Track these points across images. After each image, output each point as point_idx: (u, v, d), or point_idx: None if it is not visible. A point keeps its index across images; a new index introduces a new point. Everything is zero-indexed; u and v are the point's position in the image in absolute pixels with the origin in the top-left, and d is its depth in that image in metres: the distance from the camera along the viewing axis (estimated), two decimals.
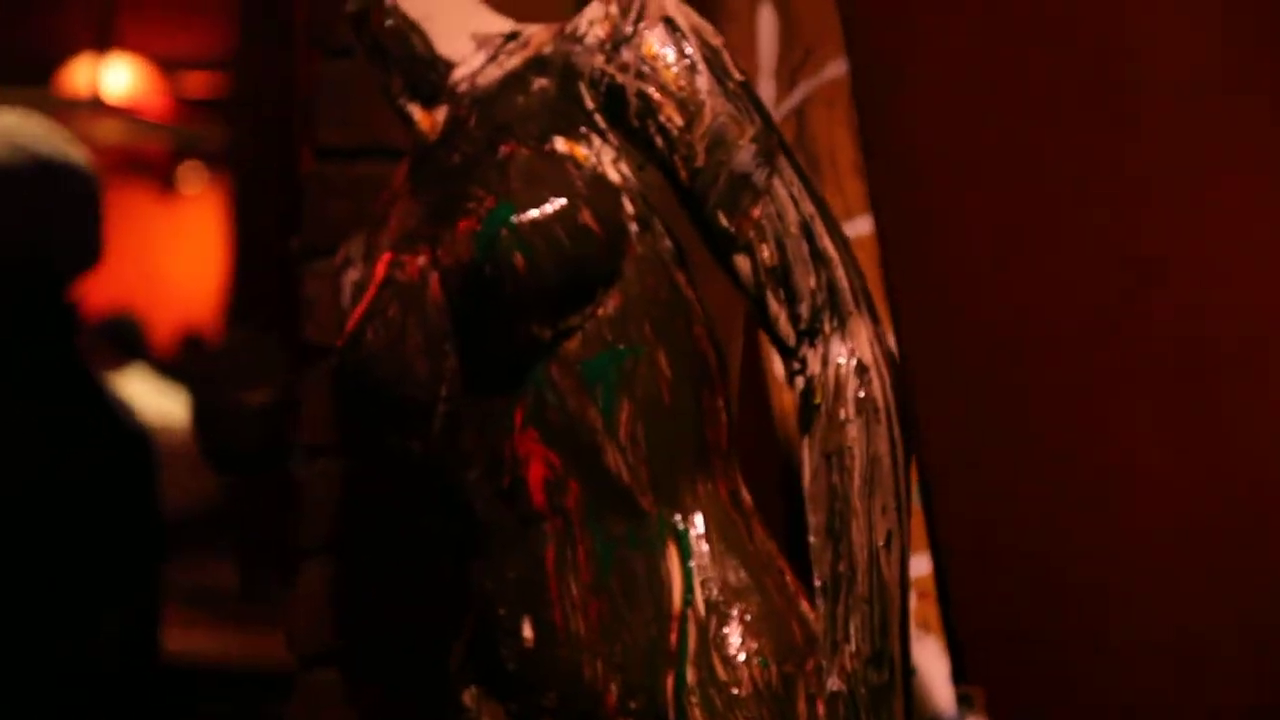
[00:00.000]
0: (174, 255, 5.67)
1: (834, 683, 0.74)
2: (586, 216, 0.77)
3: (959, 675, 0.96)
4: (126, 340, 3.66)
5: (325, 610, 1.17)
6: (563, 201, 0.77)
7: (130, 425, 1.53)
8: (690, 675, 0.78)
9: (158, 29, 5.01)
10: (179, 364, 4.24)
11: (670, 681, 0.78)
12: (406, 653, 1.13)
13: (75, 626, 1.38)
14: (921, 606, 0.94)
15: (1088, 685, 1.07)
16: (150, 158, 5.64)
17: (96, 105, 4.57)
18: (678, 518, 0.81)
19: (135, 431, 1.53)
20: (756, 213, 0.79)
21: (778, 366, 1.06)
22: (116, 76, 4.73)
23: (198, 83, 5.36)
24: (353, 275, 0.96)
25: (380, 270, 0.88)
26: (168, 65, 5.07)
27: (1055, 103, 1.18)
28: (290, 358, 1.18)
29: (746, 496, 0.86)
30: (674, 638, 0.79)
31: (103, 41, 4.60)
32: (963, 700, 0.96)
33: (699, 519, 0.82)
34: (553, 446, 0.81)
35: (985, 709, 0.97)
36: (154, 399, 3.16)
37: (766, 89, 1.21)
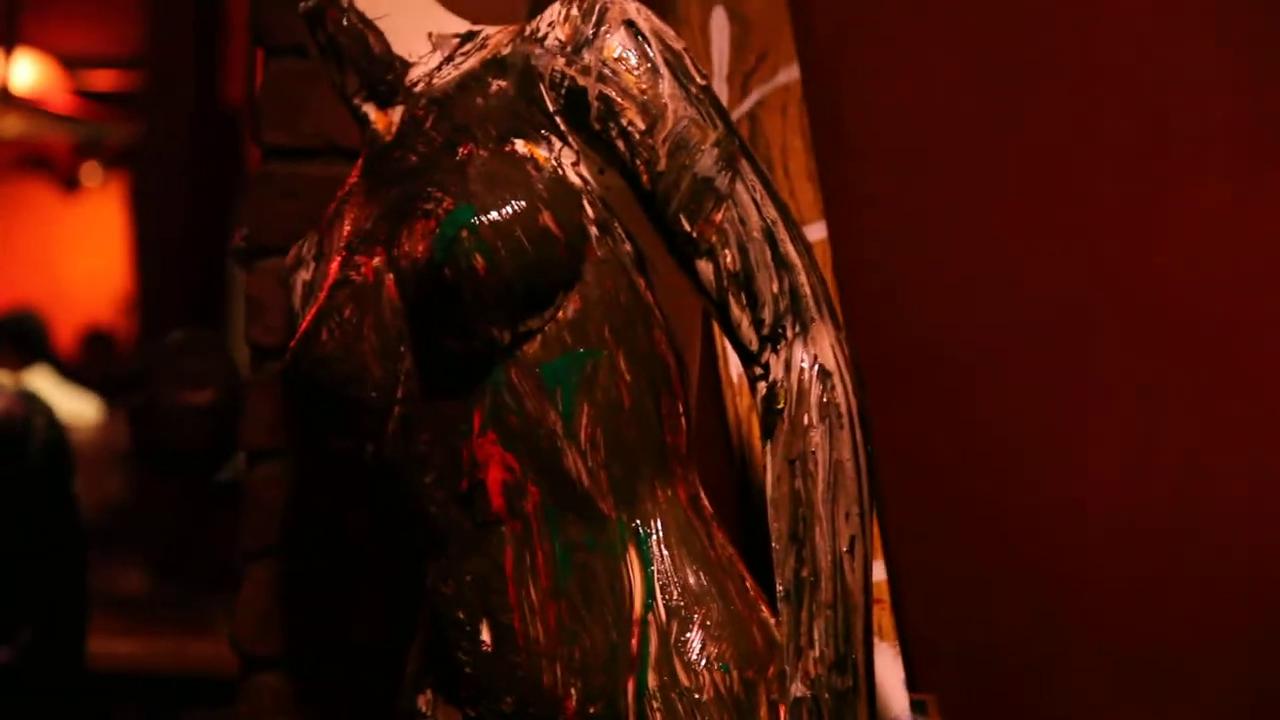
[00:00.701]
0: (77, 253, 5.53)
1: (797, 688, 0.73)
2: (547, 219, 0.76)
3: (909, 683, 0.96)
4: (29, 340, 3.56)
5: (271, 613, 1.14)
6: (523, 204, 0.76)
7: (45, 429, 1.50)
8: (651, 680, 0.77)
9: (62, 24, 4.93)
10: (87, 365, 4.13)
11: (631, 686, 0.77)
12: (355, 656, 1.11)
13: None
14: (876, 613, 0.94)
15: (1038, 693, 1.08)
16: (53, 154, 5.52)
17: (1, 98, 4.46)
18: (638, 522, 0.80)
19: (52, 435, 1.50)
20: (719, 217, 0.78)
21: (734, 371, 1.05)
22: (21, 71, 4.63)
23: (103, 79, 5.28)
24: (304, 275, 0.94)
25: (334, 270, 0.86)
26: (72, 61, 4.99)
27: (1011, 108, 1.18)
28: (231, 359, 1.15)
29: (706, 502, 0.85)
30: (635, 643, 0.78)
31: (7, 37, 4.49)
32: (916, 707, 0.96)
33: (659, 524, 0.81)
34: (511, 450, 0.79)
35: (939, 715, 0.98)
36: (60, 400, 3.13)
37: (720, 94, 1.20)
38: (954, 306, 1.16)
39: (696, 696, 0.76)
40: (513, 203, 0.76)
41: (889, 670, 0.94)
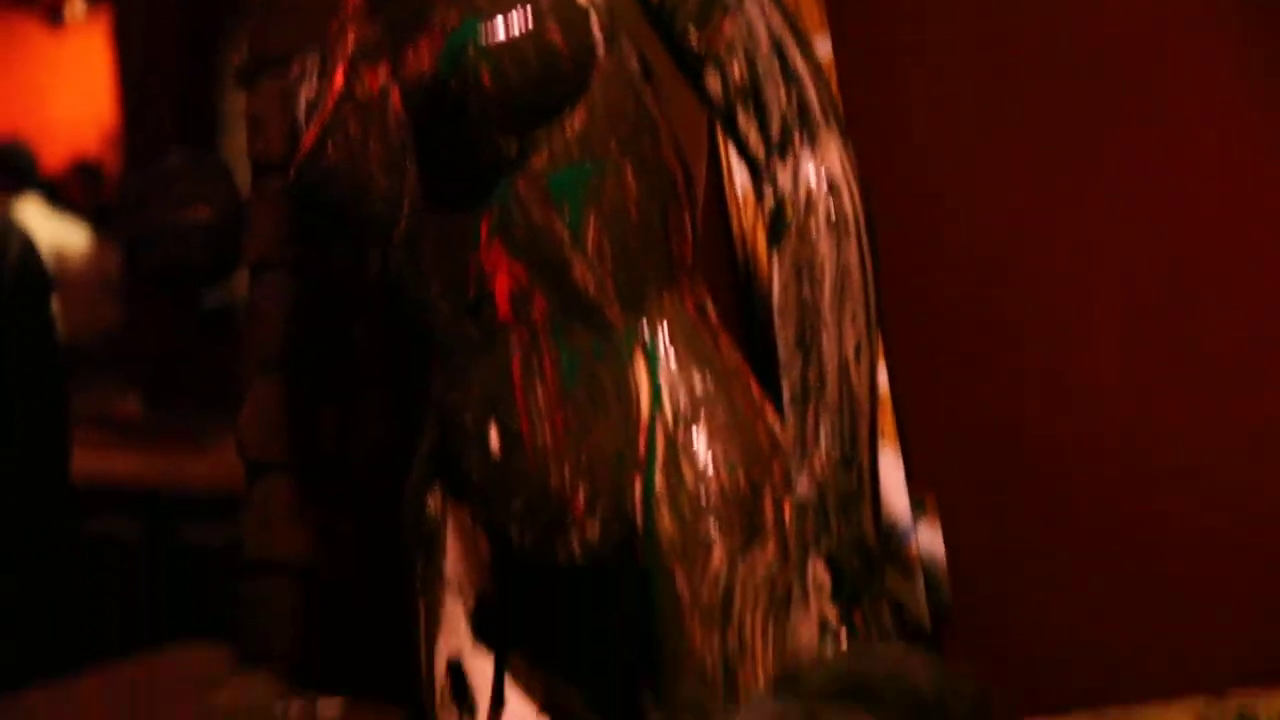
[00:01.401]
0: (62, 87, 5.41)
1: (803, 486, 0.75)
2: (554, 34, 0.75)
3: (909, 482, 0.99)
4: (17, 169, 3.56)
5: (276, 422, 1.17)
6: (529, 18, 0.75)
7: (18, 251, 1.50)
8: (659, 482, 0.79)
9: None
10: (76, 196, 4.14)
11: (638, 487, 0.79)
12: (359, 463, 1.13)
13: None
14: (879, 419, 0.96)
15: (1035, 485, 1.10)
16: None
17: None
18: (645, 329, 0.81)
19: (26, 257, 1.50)
20: (727, 29, 0.77)
21: (739, 186, 1.04)
22: None
23: None
24: (307, 91, 0.93)
25: (338, 85, 0.86)
26: None
27: None
28: (231, 176, 1.14)
29: (712, 310, 0.86)
30: (642, 445, 0.79)
31: None
32: (915, 505, 0.99)
33: (666, 331, 0.81)
34: (519, 259, 0.79)
35: (936, 513, 1.01)
36: (50, 226, 3.30)
37: None
38: (960, 124, 1.13)
39: (702, 496, 0.78)
40: (519, 17, 0.75)
41: (890, 470, 0.97)
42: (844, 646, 0.76)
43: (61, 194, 3.96)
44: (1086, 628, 1.07)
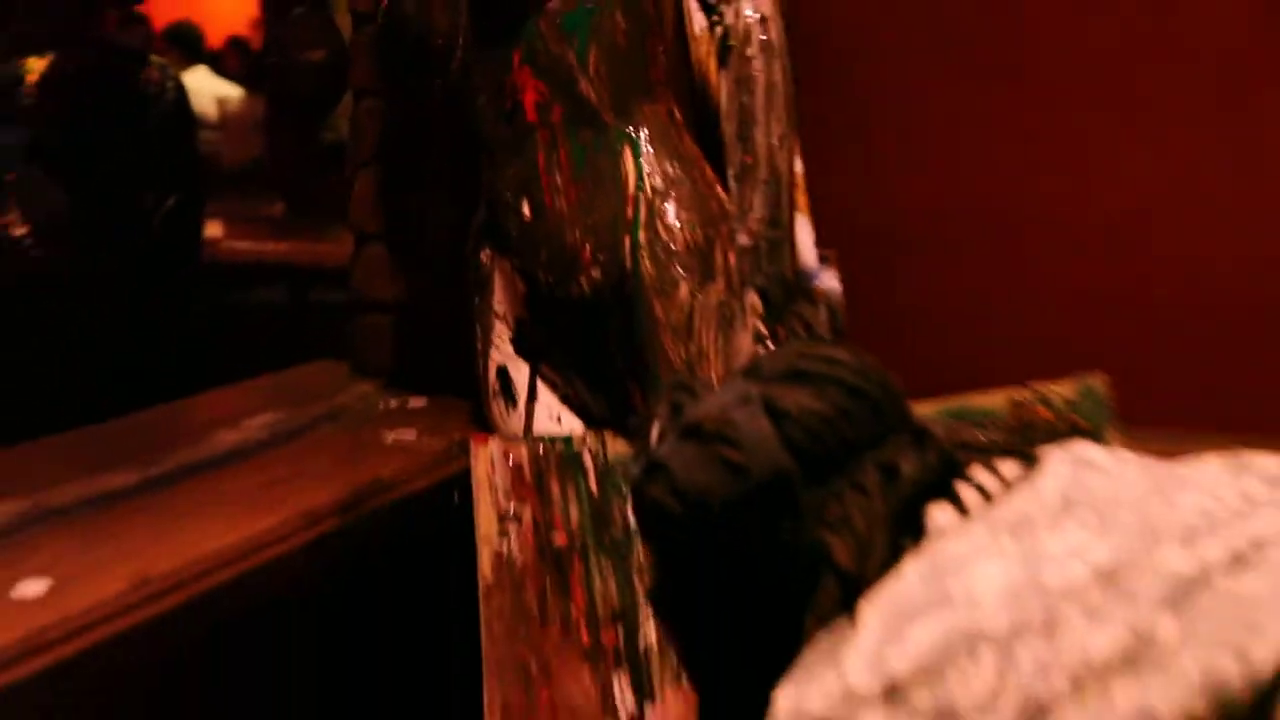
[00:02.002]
0: None
1: (743, 238, 1.07)
2: None
3: (817, 242, 1.34)
4: (189, 42, 4.33)
5: (375, 203, 1.54)
6: None
7: (174, 92, 1.88)
8: (642, 238, 1.11)
9: None
10: (230, 61, 5.00)
11: (628, 241, 1.12)
12: (434, 231, 1.48)
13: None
14: (796, 193, 1.28)
15: (914, 240, 1.45)
16: None
17: None
18: (631, 128, 1.12)
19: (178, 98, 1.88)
20: None
21: (696, 27, 1.34)
22: None
23: None
24: None
25: None
26: None
27: None
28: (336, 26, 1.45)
29: (679, 114, 1.16)
30: (630, 212, 1.11)
31: None
32: (823, 260, 1.33)
33: (645, 130, 1.13)
34: (540, 78, 1.09)
35: (836, 265, 1.34)
36: (214, 85, 4.37)
37: None
38: None
39: (671, 246, 1.11)
40: None
41: (804, 233, 1.29)
42: (771, 350, 1.09)
43: (221, 63, 4.87)
44: (943, 341, 1.44)
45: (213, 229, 2.61)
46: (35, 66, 1.72)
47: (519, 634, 1.23)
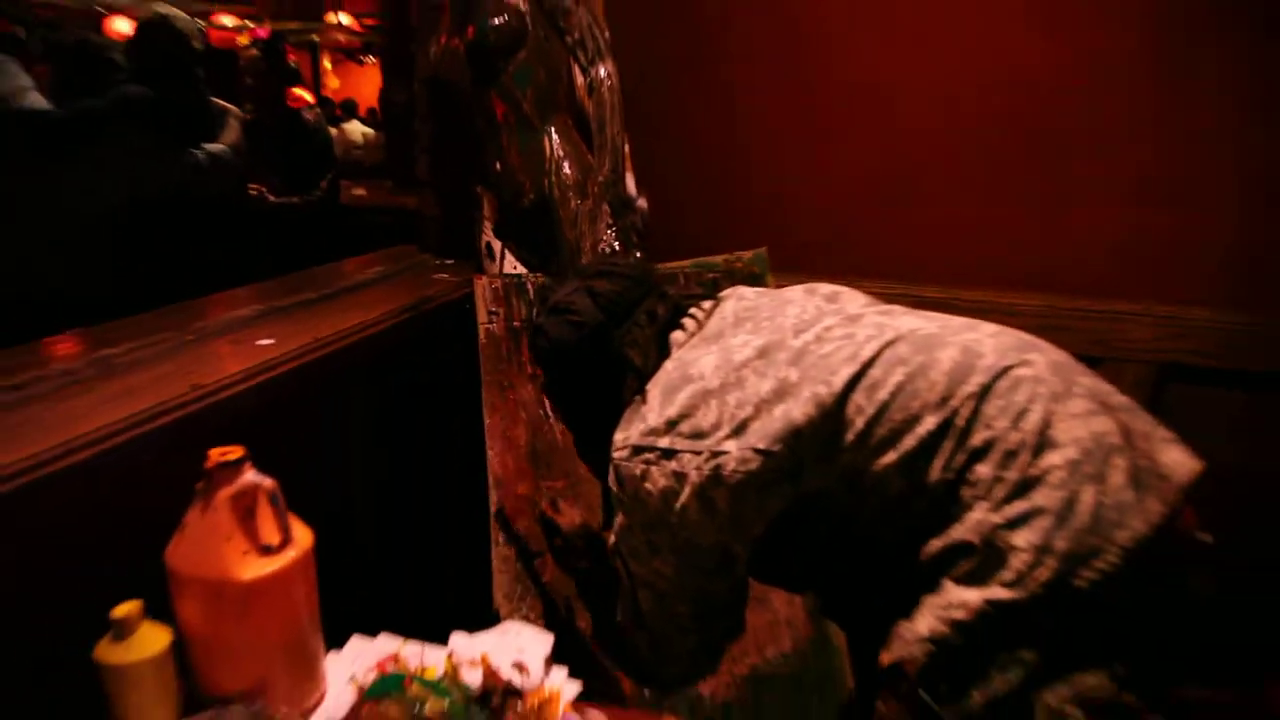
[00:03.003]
0: None
1: (600, 178, 2.14)
2: None
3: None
4: (350, 107, 8.45)
5: (428, 171, 2.55)
6: None
7: (324, 130, 3.37)
8: (553, 179, 2.19)
9: None
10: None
11: (546, 181, 2.18)
12: (456, 184, 2.49)
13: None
14: (625, 159, 2.33)
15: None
16: None
17: None
18: (549, 128, 2.18)
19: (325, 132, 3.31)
20: (574, 20, 2.11)
21: (579, 79, 2.34)
22: None
23: None
24: None
25: None
26: None
27: None
28: None
29: (570, 121, 2.23)
30: (548, 166, 2.18)
31: None
32: (640, 192, 2.34)
33: (554, 129, 2.19)
34: (504, 103, 2.16)
35: (646, 196, 2.33)
36: (361, 128, 8.15)
37: None
38: None
39: (567, 183, 2.18)
40: None
41: (630, 178, 2.34)
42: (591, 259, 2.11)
43: (367, 118, 8.54)
44: (706, 228, 2.46)
45: (357, 190, 4.40)
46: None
47: (498, 368, 2.00)
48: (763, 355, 1.33)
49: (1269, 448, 2.36)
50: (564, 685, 1.37)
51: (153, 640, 1.21)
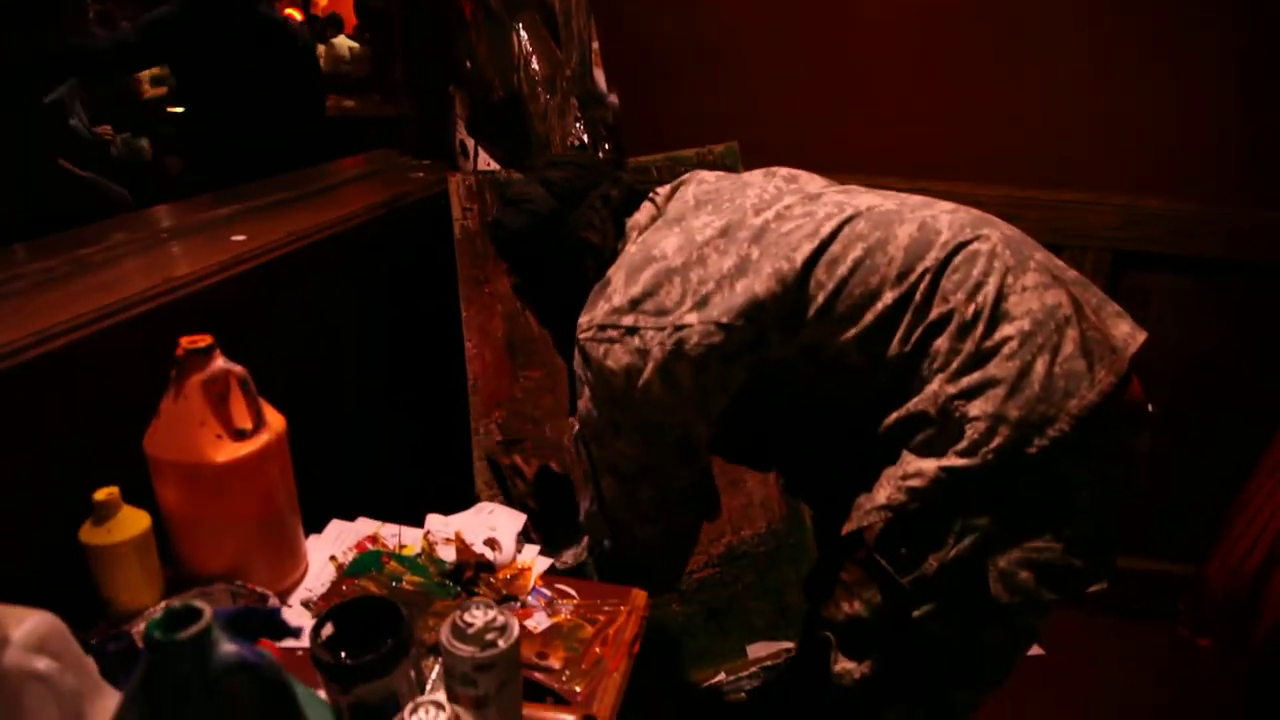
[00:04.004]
0: None
1: (568, 72, 2.08)
2: None
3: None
4: (337, 23, 8.09)
5: (406, 81, 2.48)
6: None
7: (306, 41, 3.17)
8: (521, 73, 2.12)
9: None
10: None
11: (514, 76, 2.12)
12: (429, 88, 2.43)
13: None
14: (593, 53, 2.26)
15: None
16: None
17: None
18: (517, 23, 2.10)
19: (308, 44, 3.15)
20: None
21: None
22: None
23: None
24: None
25: None
26: None
27: None
28: None
29: (539, 17, 2.15)
30: (516, 61, 2.11)
31: None
32: (609, 89, 2.29)
33: (522, 24, 2.11)
34: (471, 2, 2.07)
35: (616, 93, 2.29)
36: (348, 43, 7.98)
37: None
38: None
39: (535, 77, 2.11)
40: None
41: (600, 73, 2.27)
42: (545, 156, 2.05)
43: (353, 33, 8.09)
44: (682, 123, 2.42)
45: (347, 102, 4.60)
46: None
47: (474, 263, 2.03)
48: (724, 234, 1.30)
49: (1215, 329, 2.36)
50: (535, 560, 1.36)
51: (133, 523, 1.19)
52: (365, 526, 1.45)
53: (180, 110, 3.19)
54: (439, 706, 0.76)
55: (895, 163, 2.39)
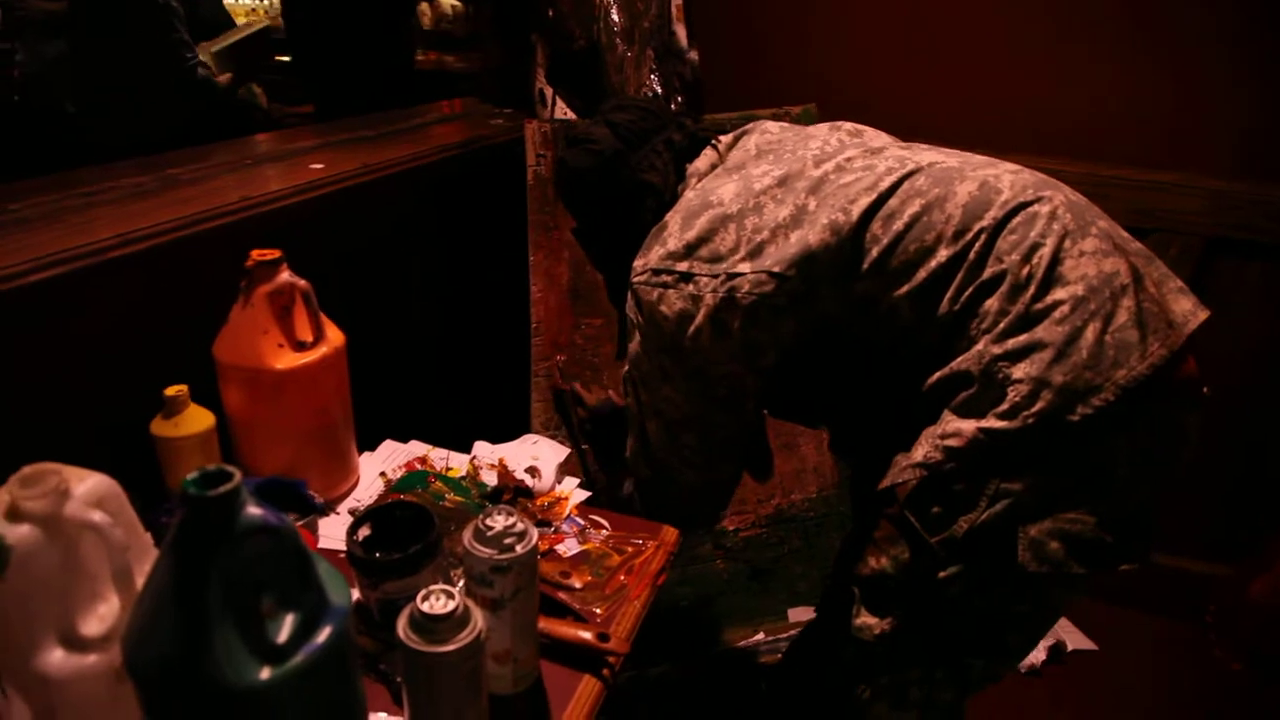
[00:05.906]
0: None
1: (645, 24, 2.09)
2: None
3: None
4: None
5: (492, 39, 2.54)
6: None
7: None
8: (601, 24, 2.13)
9: None
10: None
11: (594, 26, 2.14)
12: (513, 40, 2.49)
13: None
14: (676, 8, 2.26)
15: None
16: None
17: None
18: None
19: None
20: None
21: None
22: None
23: None
24: None
25: None
26: None
27: None
28: None
29: None
30: (598, 13, 2.13)
31: None
32: (691, 43, 2.30)
33: None
34: None
35: (697, 48, 2.30)
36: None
37: None
38: None
39: (615, 29, 2.13)
40: None
41: (681, 29, 2.28)
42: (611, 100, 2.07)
43: None
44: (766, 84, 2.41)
45: (448, 57, 4.09)
46: None
47: (543, 208, 2.06)
48: (782, 184, 1.30)
49: None
50: (574, 491, 1.41)
51: (198, 420, 1.27)
52: (416, 448, 1.51)
53: (287, 59, 3.46)
54: (449, 595, 0.81)
55: (975, 135, 2.34)
